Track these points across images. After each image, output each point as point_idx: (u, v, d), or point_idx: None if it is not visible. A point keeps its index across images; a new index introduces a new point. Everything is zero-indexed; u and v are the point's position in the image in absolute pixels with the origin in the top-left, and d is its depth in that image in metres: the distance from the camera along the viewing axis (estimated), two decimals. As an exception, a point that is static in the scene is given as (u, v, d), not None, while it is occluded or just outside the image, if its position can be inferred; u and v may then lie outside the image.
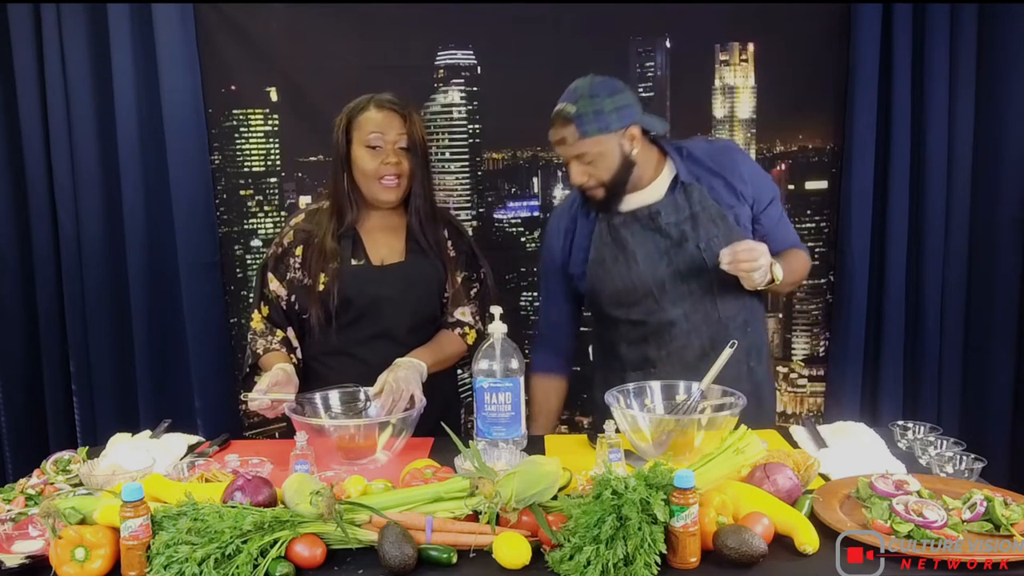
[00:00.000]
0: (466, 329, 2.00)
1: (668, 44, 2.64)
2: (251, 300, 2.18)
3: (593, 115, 1.78)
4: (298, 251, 1.96)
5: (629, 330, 1.95)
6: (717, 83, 2.66)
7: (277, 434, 2.45)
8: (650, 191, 1.91)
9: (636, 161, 1.86)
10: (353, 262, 1.94)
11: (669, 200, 1.90)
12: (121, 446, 1.70)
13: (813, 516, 1.29)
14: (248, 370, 1.98)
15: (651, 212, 1.90)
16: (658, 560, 1.16)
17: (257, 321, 1.98)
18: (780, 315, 2.77)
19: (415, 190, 1.95)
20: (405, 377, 1.73)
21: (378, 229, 1.99)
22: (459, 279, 2.02)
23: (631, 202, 1.91)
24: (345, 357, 1.96)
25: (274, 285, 1.98)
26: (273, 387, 1.73)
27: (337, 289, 1.91)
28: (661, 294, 1.90)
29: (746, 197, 1.92)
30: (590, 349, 2.26)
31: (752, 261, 1.73)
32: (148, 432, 1.84)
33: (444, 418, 1.64)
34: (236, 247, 2.72)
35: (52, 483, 1.52)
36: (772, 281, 1.80)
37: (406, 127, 1.91)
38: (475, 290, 2.05)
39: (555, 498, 1.30)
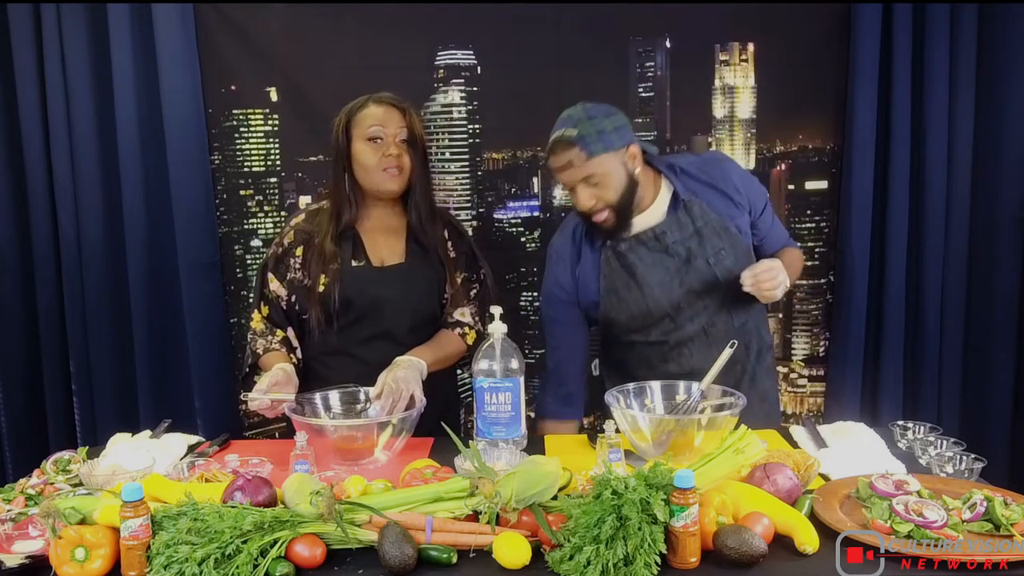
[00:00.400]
0: (466, 329, 2.00)
1: (668, 44, 2.64)
2: (251, 300, 2.18)
3: (596, 135, 1.77)
4: (298, 251, 1.96)
5: (646, 350, 1.95)
6: (717, 83, 2.66)
7: (277, 434, 2.45)
8: (651, 213, 1.90)
9: (639, 180, 1.84)
10: (353, 263, 1.94)
11: (672, 219, 1.89)
12: (121, 446, 1.70)
13: (813, 516, 1.30)
14: (248, 370, 1.98)
15: (656, 234, 1.89)
16: (658, 560, 1.16)
17: (257, 321, 1.98)
18: (780, 315, 2.77)
19: (415, 186, 1.95)
20: (405, 377, 1.73)
21: (378, 230, 1.99)
22: (459, 280, 2.01)
23: (635, 226, 1.90)
24: (345, 357, 1.96)
25: (274, 285, 1.97)
26: (273, 387, 1.73)
27: (337, 290, 1.91)
28: (678, 314, 1.90)
29: (743, 205, 1.93)
30: (595, 364, 2.23)
31: (773, 280, 1.75)
32: (148, 432, 1.84)
33: (444, 418, 1.65)
34: (236, 247, 2.72)
35: (52, 483, 1.52)
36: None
37: (406, 121, 1.92)
38: (475, 291, 2.05)
39: (555, 498, 1.30)
